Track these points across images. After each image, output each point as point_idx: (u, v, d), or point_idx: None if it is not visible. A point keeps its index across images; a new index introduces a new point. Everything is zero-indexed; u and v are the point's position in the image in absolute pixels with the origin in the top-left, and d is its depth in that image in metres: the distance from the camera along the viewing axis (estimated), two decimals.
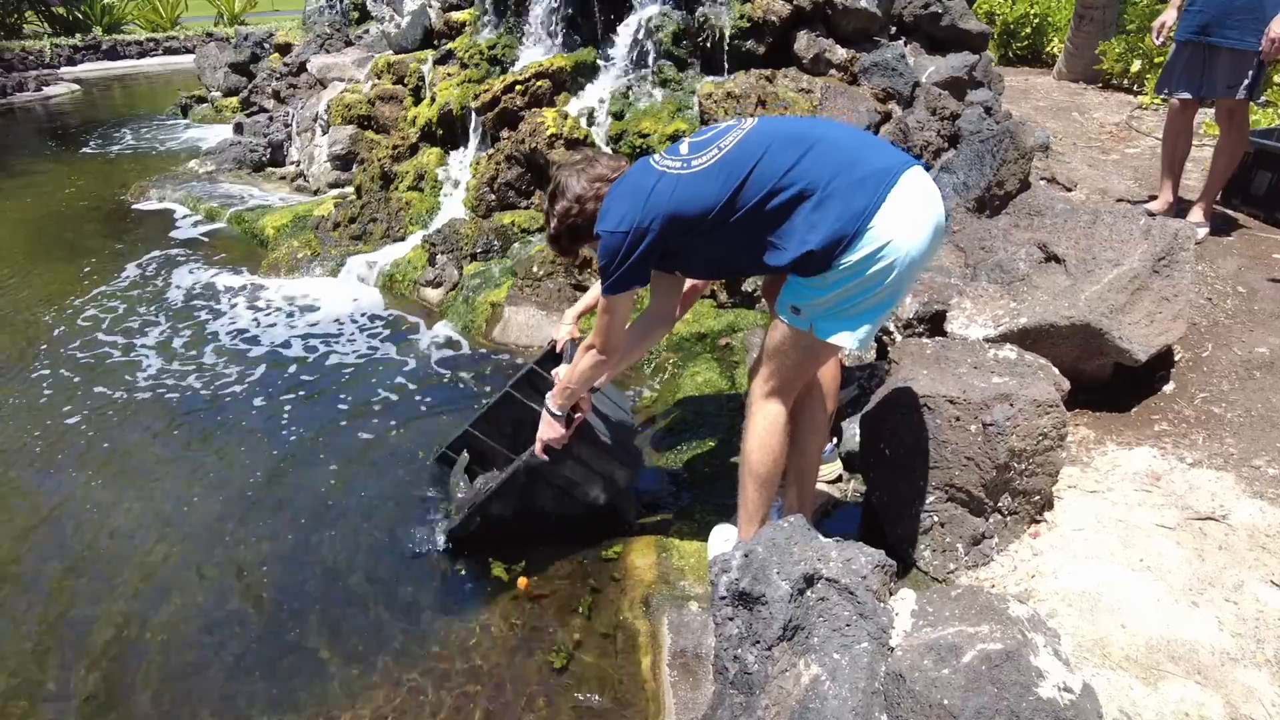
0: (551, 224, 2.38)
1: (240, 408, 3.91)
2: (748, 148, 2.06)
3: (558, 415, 2.47)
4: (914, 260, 2.01)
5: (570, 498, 2.73)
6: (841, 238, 1.94)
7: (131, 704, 2.31)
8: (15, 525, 3.10)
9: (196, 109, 12.56)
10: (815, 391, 2.39)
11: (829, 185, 1.97)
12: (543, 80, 5.36)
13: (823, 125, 2.18)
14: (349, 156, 7.03)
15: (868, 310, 2.07)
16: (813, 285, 2.04)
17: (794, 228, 2.01)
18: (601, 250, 2.16)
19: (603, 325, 2.26)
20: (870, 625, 1.96)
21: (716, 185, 2.04)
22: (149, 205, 7.74)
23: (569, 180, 2.32)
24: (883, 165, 2.00)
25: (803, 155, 2.00)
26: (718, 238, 2.10)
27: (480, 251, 5.03)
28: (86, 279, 5.81)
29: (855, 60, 5.34)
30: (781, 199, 2.01)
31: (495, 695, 2.24)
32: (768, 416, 2.22)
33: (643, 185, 2.13)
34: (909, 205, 1.98)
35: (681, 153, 2.16)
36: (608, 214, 2.17)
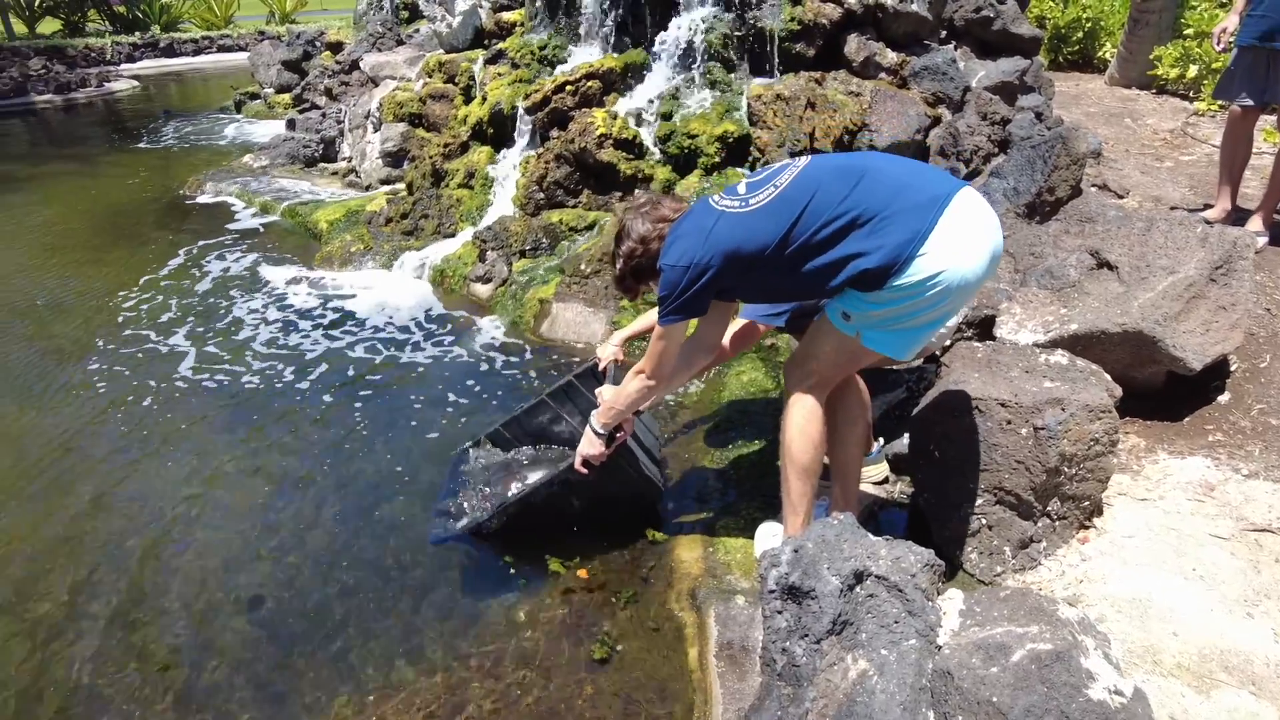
0: (618, 264, 2.50)
1: (291, 396, 4.03)
2: (802, 183, 2.14)
3: (600, 434, 2.55)
4: (968, 284, 2.06)
5: (598, 507, 2.80)
6: (894, 263, 2.01)
7: (190, 677, 2.41)
8: (78, 502, 3.25)
9: (250, 105, 12.89)
10: (850, 384, 2.46)
11: (881, 212, 2.04)
12: (593, 81, 5.43)
13: (873, 157, 2.25)
14: (400, 153, 7.17)
15: (917, 327, 2.15)
16: (866, 299, 2.11)
17: (848, 253, 2.08)
18: (663, 283, 2.25)
19: (656, 351, 2.34)
20: (918, 623, 1.98)
21: (774, 221, 2.12)
22: (205, 198, 7.97)
23: (633, 223, 2.44)
24: (934, 191, 2.06)
25: (854, 186, 2.08)
26: (776, 269, 2.18)
27: (529, 248, 5.12)
28: (146, 268, 6.02)
29: (905, 64, 5.33)
30: (835, 228, 2.08)
31: (544, 682, 2.30)
32: (804, 407, 2.29)
33: (703, 225, 2.22)
34: (963, 230, 2.03)
35: (739, 193, 2.25)
36: (670, 249, 2.27)
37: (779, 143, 4.94)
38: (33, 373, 4.43)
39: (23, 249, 6.82)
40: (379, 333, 4.73)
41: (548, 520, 2.81)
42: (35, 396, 4.15)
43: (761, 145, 5.01)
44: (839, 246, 2.09)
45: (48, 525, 3.12)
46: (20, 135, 13.02)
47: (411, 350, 4.50)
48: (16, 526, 3.12)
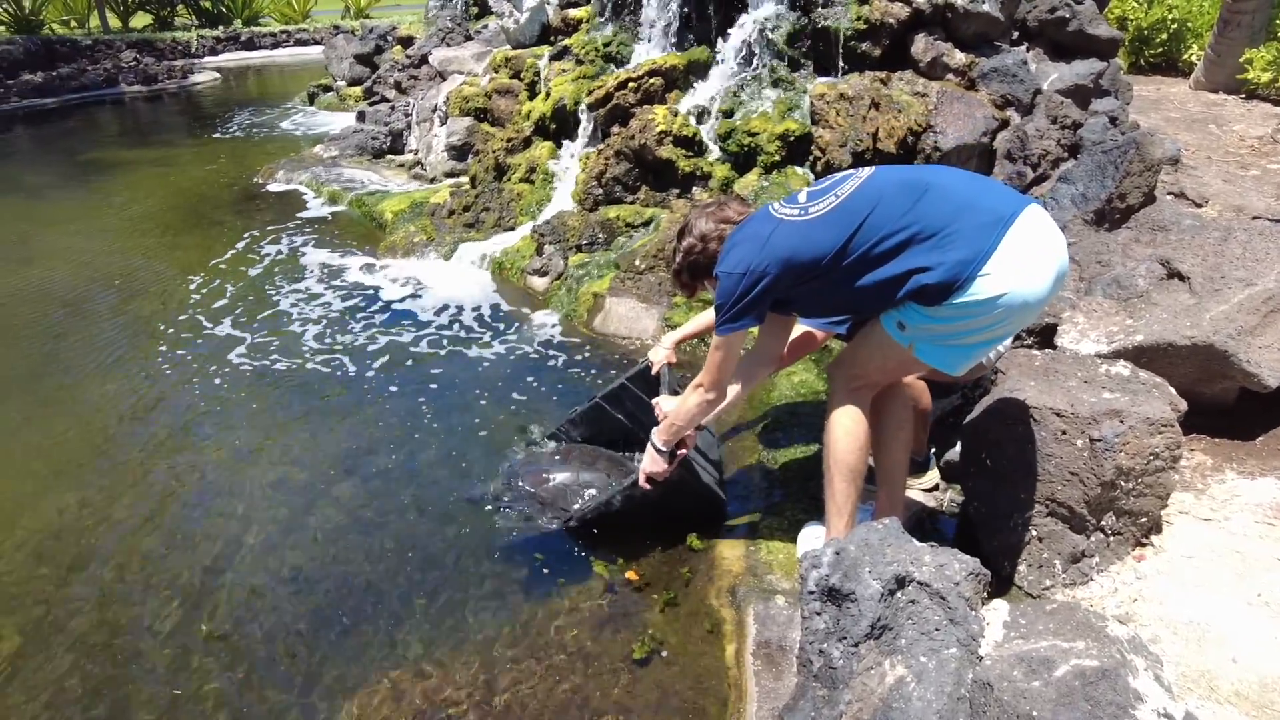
0: (676, 259, 2.51)
1: (349, 381, 4.15)
2: (864, 195, 2.12)
3: (663, 451, 2.56)
4: (1029, 305, 2.03)
5: (665, 513, 2.82)
6: (955, 281, 1.98)
7: (240, 648, 2.51)
8: (145, 472, 3.41)
9: (323, 97, 13.27)
10: (897, 388, 2.43)
11: (943, 229, 2.01)
12: (655, 78, 5.45)
13: (938, 172, 2.21)
14: (465, 147, 7.31)
15: (973, 344, 2.12)
16: (925, 313, 2.09)
17: (908, 268, 2.05)
18: (719, 290, 2.26)
19: (714, 363, 2.34)
20: (960, 631, 1.95)
21: (833, 231, 2.11)
22: (277, 186, 8.25)
23: (697, 220, 2.45)
24: (998, 210, 2.02)
25: (917, 200, 2.05)
26: (833, 281, 2.16)
27: (586, 243, 5.16)
28: (219, 252, 6.26)
29: (974, 65, 5.22)
30: (895, 241, 2.05)
31: (582, 670, 2.33)
32: (850, 409, 2.27)
33: (761, 232, 2.22)
34: (1026, 251, 1.99)
35: (800, 201, 2.24)
36: (727, 256, 2.27)
37: (841, 142, 4.88)
38: (111, 348, 4.65)
39: (107, 230, 7.15)
40: (437, 322, 4.83)
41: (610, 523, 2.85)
42: (112, 370, 4.36)
43: (823, 145, 4.96)
44: (898, 260, 2.06)
45: (117, 493, 3.27)
46: (109, 123, 13.65)
47: (468, 339, 4.59)
48: (87, 493, 3.29)
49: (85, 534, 3.04)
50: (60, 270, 6.08)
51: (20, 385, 4.25)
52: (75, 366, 4.43)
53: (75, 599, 2.72)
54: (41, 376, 4.36)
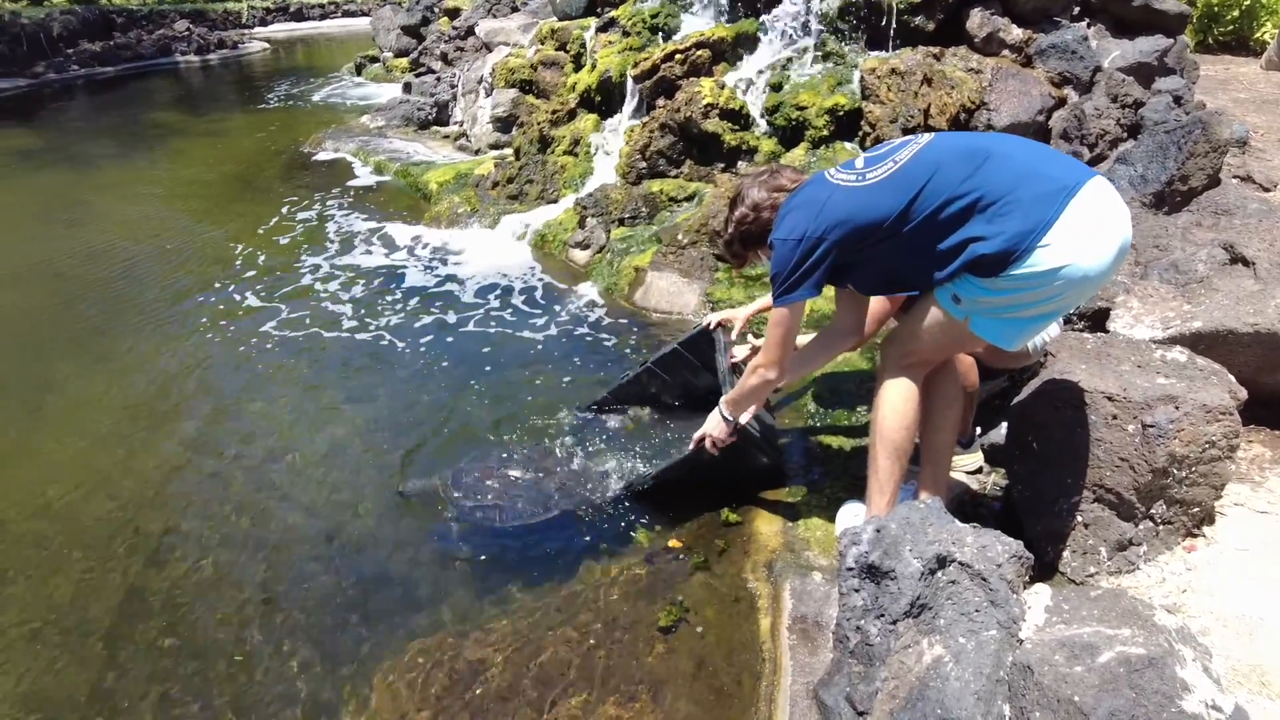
0: (728, 229, 2.46)
1: (393, 349, 4.20)
2: (923, 161, 2.06)
3: (729, 420, 2.56)
4: (1090, 279, 1.96)
5: (725, 474, 2.83)
6: (1013, 251, 1.92)
7: (278, 608, 2.58)
8: (191, 431, 3.50)
9: (369, 68, 13.37)
10: (949, 366, 2.37)
11: (1004, 198, 1.95)
12: (703, 50, 5.39)
13: (1000, 139, 2.14)
14: (509, 119, 7.31)
15: (1030, 318, 2.06)
16: (981, 284, 2.03)
17: (966, 236, 2.00)
18: (774, 259, 2.22)
19: (773, 339, 2.30)
20: (1000, 614, 1.93)
21: (891, 197, 2.06)
22: (325, 155, 8.35)
23: (749, 189, 2.40)
24: (1062, 180, 1.95)
25: (978, 168, 1.99)
26: (889, 250, 2.12)
27: (628, 217, 5.15)
28: (267, 219, 6.37)
29: (1031, 41, 5.07)
30: (954, 209, 2.00)
31: (617, 637, 2.34)
32: (900, 385, 2.23)
33: (817, 197, 2.17)
34: (1089, 223, 1.93)
35: (856, 167, 2.18)
36: (782, 222, 2.23)
37: (891, 118, 4.79)
38: (163, 310, 4.77)
39: (159, 195, 7.32)
40: (478, 292, 4.87)
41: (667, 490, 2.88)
42: (163, 332, 4.47)
43: (873, 120, 4.87)
44: (956, 229, 2.01)
45: (165, 452, 3.37)
46: (163, 92, 13.91)
47: (508, 310, 4.61)
48: (136, 451, 3.39)
49: (133, 490, 3.14)
50: (115, 233, 6.24)
51: (78, 343, 4.39)
52: (129, 327, 4.56)
53: (123, 554, 2.81)
54: (98, 335, 4.49)
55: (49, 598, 2.62)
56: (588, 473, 3.10)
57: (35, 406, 3.76)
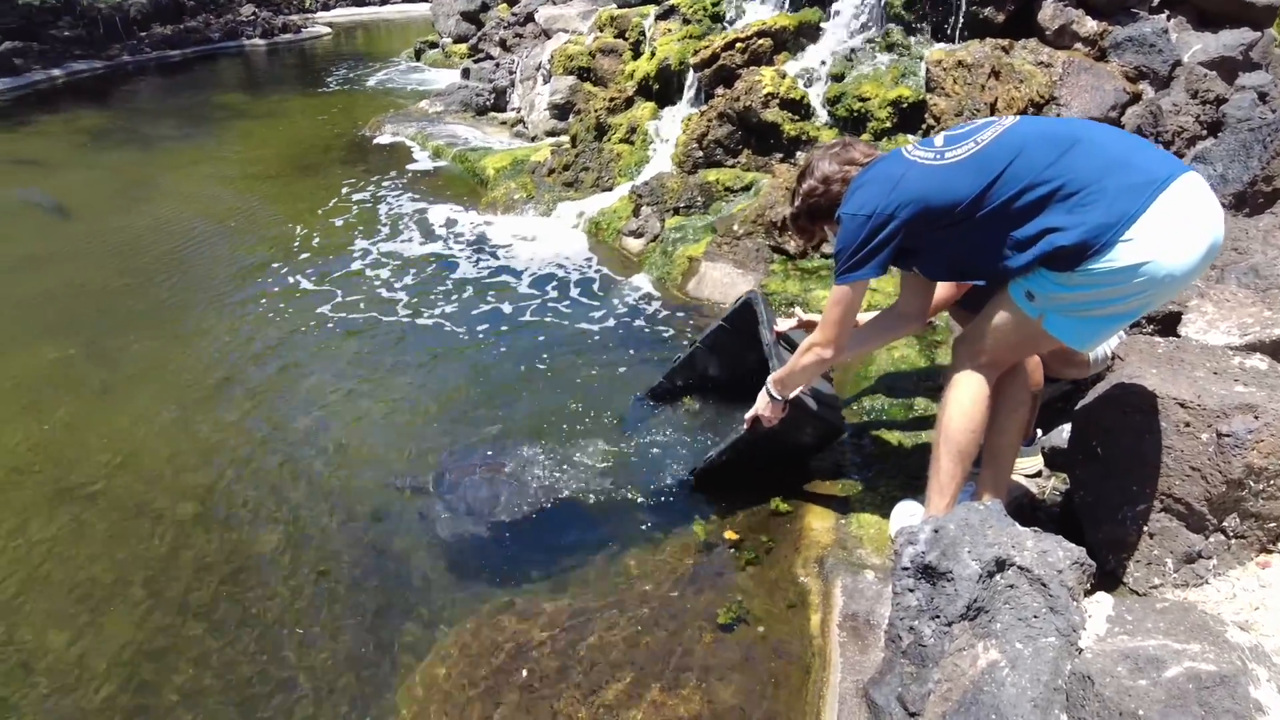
0: (795, 202, 2.41)
1: (447, 331, 4.26)
2: (1005, 143, 1.98)
3: (777, 399, 2.53)
4: (1174, 279, 1.86)
5: (784, 448, 2.83)
6: (1092, 243, 1.84)
7: (344, 572, 2.64)
8: (245, 402, 3.60)
9: (429, 54, 13.51)
10: (1019, 369, 2.30)
11: (1087, 187, 1.86)
12: (764, 39, 5.33)
13: (1090, 127, 2.04)
14: (567, 106, 7.33)
15: (1108, 317, 1.98)
16: (1057, 280, 1.95)
17: (1044, 226, 1.91)
18: (840, 234, 2.16)
19: (831, 318, 2.25)
20: (1060, 621, 1.89)
21: (969, 179, 1.98)
22: (384, 139, 8.47)
23: (820, 161, 2.35)
24: (1152, 172, 1.85)
25: (1063, 154, 1.90)
26: (962, 234, 2.05)
27: (683, 206, 5.13)
28: (326, 201, 6.49)
29: (1106, 33, 4.90)
30: (1034, 196, 1.91)
31: (665, 625, 2.35)
32: (971, 387, 2.16)
33: (891, 173, 2.10)
34: (1178, 219, 1.83)
35: (935, 144, 2.11)
36: (852, 197, 2.16)
37: (956, 111, 4.68)
38: (227, 287, 4.91)
39: (224, 176, 7.51)
40: (532, 279, 4.90)
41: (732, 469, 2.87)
42: (227, 309, 4.60)
43: (937, 113, 4.76)
44: (1034, 217, 1.93)
45: (230, 424, 3.47)
46: (229, 75, 14.26)
47: (561, 297, 4.64)
48: (202, 421, 3.50)
49: (196, 459, 3.24)
50: (183, 211, 6.43)
51: (147, 316, 4.54)
52: (196, 302, 4.70)
53: (191, 518, 2.91)
54: (166, 309, 4.63)
55: (118, 559, 2.72)
56: (643, 460, 3.12)
57: (107, 376, 3.90)
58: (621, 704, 2.11)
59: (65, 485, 3.10)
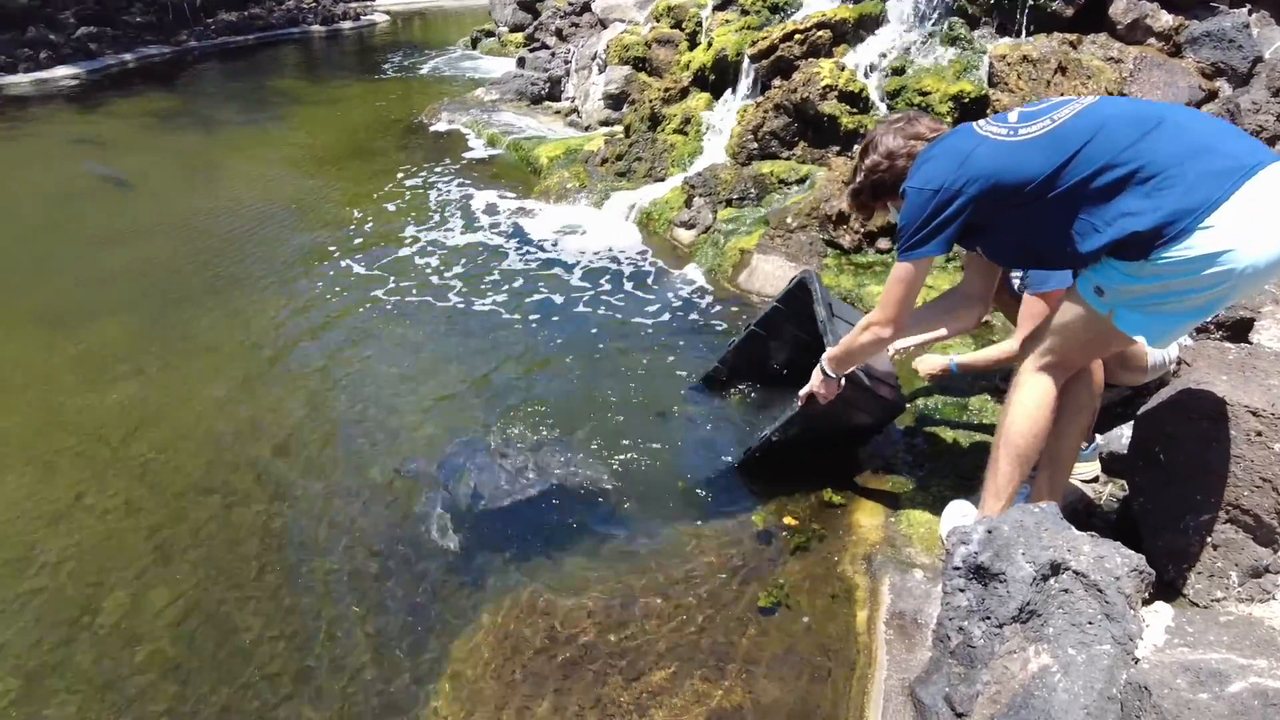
0: (858, 177, 2.36)
1: (501, 319, 4.30)
2: (1084, 121, 1.89)
3: (831, 376, 2.49)
4: (1258, 273, 1.76)
5: (840, 427, 2.80)
6: (1167, 229, 1.75)
7: (388, 550, 2.70)
8: (308, 381, 3.69)
9: (485, 42, 13.63)
10: (1085, 374, 2.23)
11: (1168, 170, 1.77)
12: (823, 30, 5.26)
13: (1174, 109, 1.93)
14: (621, 96, 7.34)
15: (1182, 312, 1.88)
16: (1127, 271, 1.86)
17: (1118, 210, 1.83)
18: (905, 208, 2.10)
19: (891, 297, 2.19)
20: (1116, 629, 1.85)
21: (1043, 156, 1.90)
22: (440, 126, 8.58)
23: (884, 136, 2.29)
24: (1240, 159, 1.75)
25: (1144, 135, 1.81)
26: (1031, 215, 1.97)
27: (736, 198, 5.10)
28: (381, 186, 6.61)
29: (1182, 28, 4.73)
30: (1110, 178, 1.83)
31: (710, 613, 2.36)
32: (1037, 390, 2.10)
33: (961, 148, 2.04)
34: (1264, 209, 1.72)
35: (1009, 120, 2.03)
36: (918, 171, 2.11)
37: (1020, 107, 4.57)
38: (287, 268, 5.03)
39: (284, 159, 7.69)
40: (582, 268, 4.92)
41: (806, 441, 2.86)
42: (287, 289, 4.71)
43: (999, 109, 4.65)
44: (1109, 201, 1.84)
45: (285, 401, 3.56)
46: (290, 60, 14.56)
47: (611, 287, 4.65)
48: (257, 397, 3.60)
49: (252, 433, 3.33)
50: (244, 193, 6.60)
51: (209, 293, 4.67)
52: (255, 282, 4.82)
53: (240, 491, 3.00)
54: (228, 287, 4.76)
55: (169, 527, 2.81)
56: (694, 448, 3.13)
57: (168, 351, 4.03)
58: (663, 690, 2.12)
59: (124, 455, 3.21)
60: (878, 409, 2.79)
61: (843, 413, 2.66)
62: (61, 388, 3.71)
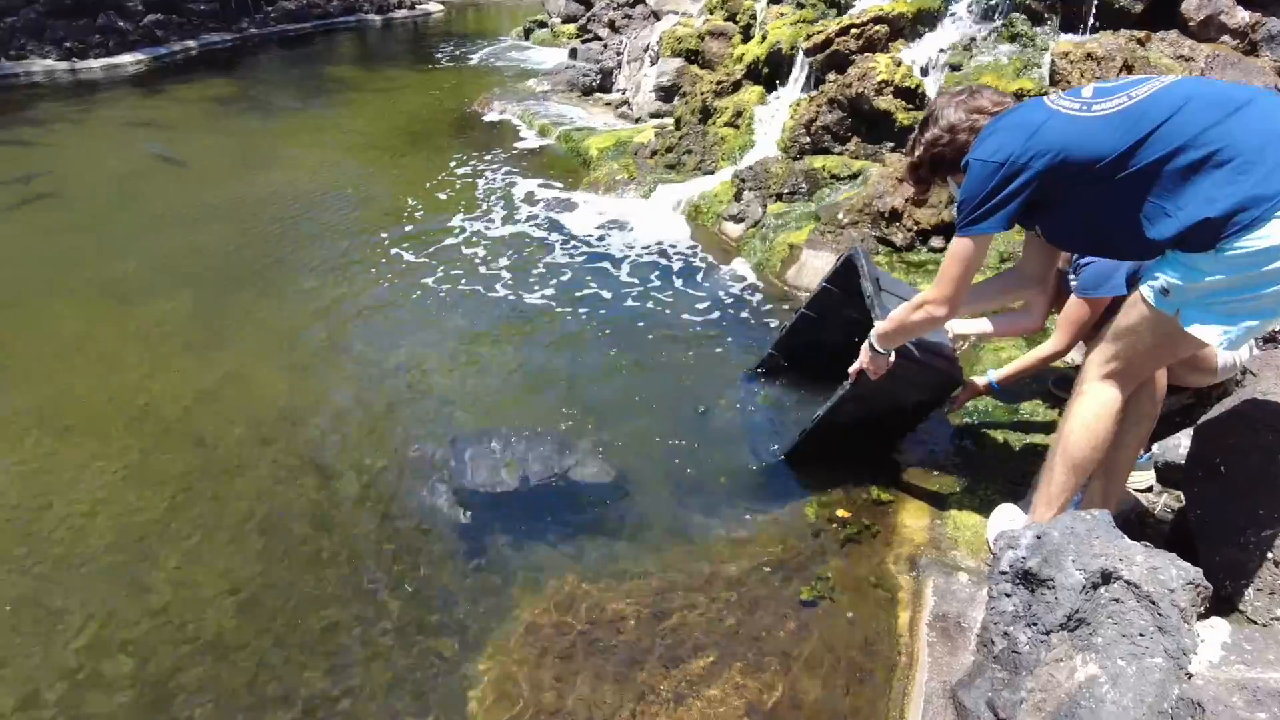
0: (916, 151, 2.29)
1: (550, 310, 4.33)
2: (1163, 100, 1.81)
3: (881, 352, 2.44)
4: None
5: (896, 404, 2.76)
6: (1239, 216, 1.67)
7: (430, 532, 2.75)
8: (351, 365, 3.77)
9: (537, 33, 13.69)
10: (1148, 381, 2.15)
11: (1244, 155, 1.69)
12: (880, 25, 5.19)
13: (1262, 93, 1.84)
14: (673, 88, 7.32)
15: (1253, 311, 1.79)
16: (1194, 265, 1.79)
17: (1192, 195, 1.75)
18: (967, 181, 2.03)
19: (948, 275, 2.12)
20: (1169, 642, 1.81)
21: (1117, 134, 1.83)
22: (491, 116, 8.65)
23: (945, 109, 2.21)
24: None
25: (1227, 116, 1.73)
26: (1099, 195, 1.90)
27: (787, 192, 5.06)
28: (434, 174, 6.69)
29: (1259, 25, 4.57)
30: (1185, 160, 1.75)
31: (751, 605, 2.36)
32: (1100, 399, 2.03)
33: (1030, 120, 1.97)
34: None
35: (1083, 95, 1.96)
36: (984, 142, 2.04)
37: None
38: (338, 251, 5.13)
39: (338, 145, 7.82)
40: (630, 260, 4.94)
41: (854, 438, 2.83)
42: (338, 272, 4.81)
43: None
44: (1183, 185, 1.76)
45: (333, 382, 3.64)
46: (345, 49, 14.81)
47: (659, 280, 4.66)
48: (307, 377, 3.68)
49: (302, 413, 3.41)
50: (298, 178, 6.73)
51: (260, 277, 4.78)
52: (306, 266, 4.92)
53: (284, 470, 3.07)
54: (278, 271, 4.87)
55: (225, 504, 2.89)
56: (741, 438, 3.15)
57: (219, 332, 4.12)
58: (702, 680, 2.13)
59: (178, 430, 3.31)
60: (933, 382, 2.71)
61: (896, 388, 2.60)
62: (124, 363, 3.84)
